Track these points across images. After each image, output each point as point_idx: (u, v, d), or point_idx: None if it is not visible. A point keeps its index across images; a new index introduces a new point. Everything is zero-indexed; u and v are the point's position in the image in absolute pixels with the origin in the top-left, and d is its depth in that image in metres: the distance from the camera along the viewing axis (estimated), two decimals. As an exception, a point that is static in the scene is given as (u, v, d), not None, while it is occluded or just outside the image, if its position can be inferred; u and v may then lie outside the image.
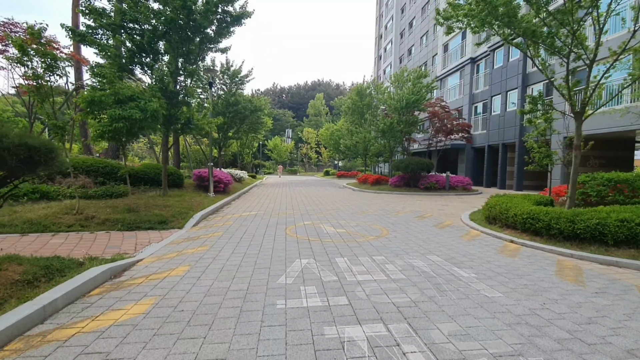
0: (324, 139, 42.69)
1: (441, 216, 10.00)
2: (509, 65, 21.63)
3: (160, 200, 9.81)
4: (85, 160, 10.82)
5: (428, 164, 17.85)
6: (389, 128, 18.61)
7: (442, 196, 16.44)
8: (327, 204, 12.77)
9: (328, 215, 9.85)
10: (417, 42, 37.49)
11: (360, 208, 11.53)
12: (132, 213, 8.10)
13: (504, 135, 21.87)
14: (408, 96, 17.98)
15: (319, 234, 7.02)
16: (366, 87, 24.81)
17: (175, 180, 12.98)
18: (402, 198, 15.32)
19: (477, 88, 25.83)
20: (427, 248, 5.97)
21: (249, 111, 19.16)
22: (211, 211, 9.99)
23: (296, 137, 73.65)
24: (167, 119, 10.07)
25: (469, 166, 25.86)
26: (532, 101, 7.94)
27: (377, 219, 9.14)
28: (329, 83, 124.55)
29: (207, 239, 6.53)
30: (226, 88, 19.07)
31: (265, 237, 6.70)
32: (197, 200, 11.22)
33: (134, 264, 4.91)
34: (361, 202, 13.55)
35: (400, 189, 18.31)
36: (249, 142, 31.25)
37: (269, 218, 9.20)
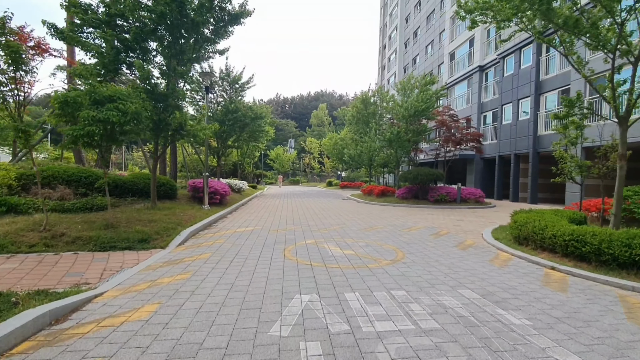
0: (327, 149, 41.83)
1: (459, 233, 8.92)
2: (521, 72, 20.77)
3: (146, 214, 8.82)
4: (66, 169, 9.89)
5: (438, 175, 16.82)
6: (396, 137, 17.66)
7: (453, 210, 15.35)
8: (331, 217, 11.73)
9: (332, 231, 8.80)
10: (422, 51, 36.89)
11: (367, 223, 10.47)
12: (110, 229, 7.11)
13: (516, 146, 20.86)
14: (416, 104, 17.08)
15: (323, 257, 5.97)
16: (371, 95, 23.98)
17: (168, 192, 12.01)
18: (411, 211, 14.24)
19: (486, 97, 24.96)
20: (456, 278, 4.90)
21: (249, 119, 18.29)
22: (203, 226, 8.97)
23: (299, 147, 72.96)
24: (156, 124, 9.16)
25: (478, 178, 24.79)
26: (569, 104, 6.94)
27: (388, 237, 8.08)
28: (332, 94, 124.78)
29: (190, 263, 5.50)
30: (226, 95, 18.27)
31: (260, 261, 5.66)
32: (189, 213, 10.22)
33: (89, 300, 3.89)
34: (367, 215, 12.49)
35: (408, 202, 17.25)
36: (250, 151, 30.37)
37: (267, 235, 8.16)
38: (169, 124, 9.32)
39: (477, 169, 24.98)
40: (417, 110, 17.46)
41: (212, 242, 7.31)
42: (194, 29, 8.63)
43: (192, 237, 7.85)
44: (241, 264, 5.47)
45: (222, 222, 10.32)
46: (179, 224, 8.53)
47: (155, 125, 9.15)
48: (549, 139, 18.74)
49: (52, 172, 9.49)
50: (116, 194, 10.47)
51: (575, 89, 16.63)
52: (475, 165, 25.03)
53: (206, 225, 9.27)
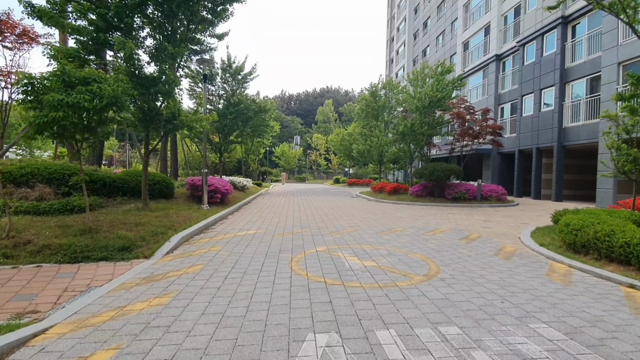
0: (333, 145, 40.62)
1: (492, 237, 7.73)
2: (543, 60, 19.33)
3: (134, 216, 7.77)
4: (48, 165, 8.88)
5: (457, 170, 15.56)
6: (409, 130, 16.42)
7: (475, 208, 14.10)
8: (343, 218, 10.59)
9: (346, 235, 7.67)
10: (433, 42, 35.42)
11: (383, 224, 9.31)
12: (88, 235, 6.06)
13: (538, 139, 19.46)
14: (431, 93, 15.80)
15: (339, 271, 4.84)
16: (381, 87, 22.71)
17: (163, 190, 10.97)
18: (429, 211, 13.03)
19: (503, 88, 23.53)
20: (517, 303, 3.74)
21: (253, 112, 17.18)
22: (198, 230, 7.90)
23: (305, 144, 71.84)
24: (145, 113, 8.08)
25: (496, 174, 23.43)
26: (637, 82, 5.68)
27: (412, 243, 6.92)
28: (337, 90, 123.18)
29: (175, 280, 4.42)
30: (228, 87, 17.19)
31: (262, 277, 4.55)
32: (184, 214, 9.17)
33: (24, 342, 2.81)
34: (382, 216, 11.33)
35: (424, 200, 16.03)
36: (255, 147, 29.32)
37: (271, 240, 7.06)
38: (159, 113, 8.24)
39: (494, 165, 23.60)
40: (432, 100, 16.18)
41: (206, 249, 6.22)
42: (185, 3, 7.51)
43: (184, 243, 6.77)
44: (237, 282, 4.37)
45: (221, 224, 9.24)
46: (170, 227, 7.47)
47: (144, 115, 8.08)
48: (576, 131, 17.35)
49: (30, 170, 8.49)
50: (104, 193, 9.46)
51: (607, 76, 15.23)
52: (492, 160, 23.66)
53: (202, 229, 8.19)
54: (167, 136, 10.53)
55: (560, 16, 18.20)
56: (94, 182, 9.17)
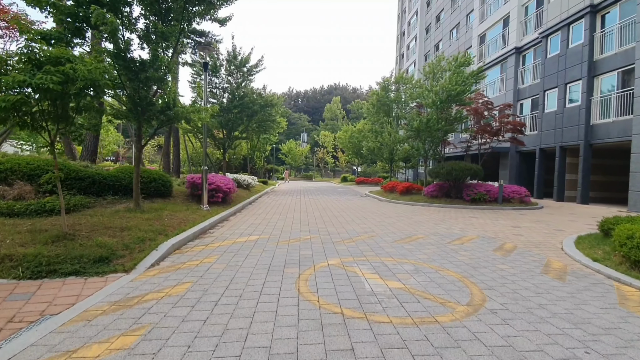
0: (342, 142, 39.58)
1: (530, 248, 6.68)
2: (569, 52, 18.04)
3: (121, 219, 6.90)
4: (30, 160, 8.04)
5: (476, 170, 14.45)
6: (424, 126, 15.32)
7: (497, 211, 13.00)
8: (355, 221, 9.61)
9: (360, 243, 6.70)
10: (446, 35, 34.08)
11: (401, 230, 8.31)
12: (62, 243, 5.19)
13: (562, 137, 18.21)
14: (450, 86, 14.68)
15: (359, 296, 3.87)
16: (394, 81, 21.59)
17: (159, 189, 10.11)
18: (448, 214, 11.98)
19: (523, 82, 22.25)
20: (608, 354, 2.73)
21: (259, 106, 16.24)
22: (194, 235, 7.00)
23: (312, 142, 70.89)
24: (136, 103, 7.19)
25: (514, 173, 22.19)
26: None
27: (440, 255, 5.92)
28: (345, 87, 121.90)
29: (152, 307, 3.50)
30: (232, 80, 16.27)
31: (261, 305, 3.61)
32: (180, 216, 8.29)
33: None
34: (397, 219, 10.32)
35: (439, 201, 14.96)
36: (261, 144, 28.43)
37: (275, 249, 6.12)
38: (152, 103, 7.33)
39: (512, 164, 22.37)
40: (449, 94, 15.07)
41: (198, 261, 5.30)
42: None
43: (174, 252, 5.86)
44: (230, 311, 3.42)
45: (220, 227, 8.32)
46: (162, 232, 6.59)
47: (134, 105, 7.18)
48: (606, 128, 16.09)
49: (10, 165, 7.68)
50: (93, 192, 8.62)
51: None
52: (510, 159, 22.42)
53: (199, 234, 7.28)
54: (177, 134, 9.65)
55: (588, 5, 16.90)
56: (81, 179, 8.34)
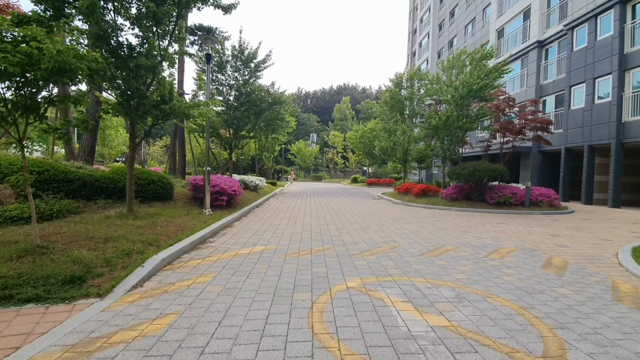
0: (352, 143, 38.59)
1: (582, 263, 5.63)
2: (598, 45, 16.75)
3: (108, 227, 6.10)
4: (13, 161, 7.31)
5: (501, 171, 13.33)
6: (444, 124, 14.25)
7: (526, 216, 11.87)
8: (372, 228, 8.65)
9: (383, 257, 5.74)
10: (461, 31, 32.84)
11: (427, 239, 7.32)
12: (30, 258, 4.38)
13: (590, 135, 16.92)
14: (471, 80, 13.60)
15: (392, 339, 2.93)
16: (408, 77, 20.53)
17: (159, 192, 9.33)
18: (473, 219, 10.92)
19: (545, 78, 20.95)
20: None
21: (266, 104, 15.41)
22: (191, 245, 6.14)
23: (321, 142, 70.03)
24: (127, 95, 6.37)
25: (535, 174, 20.90)
26: None
27: (481, 273, 4.93)
28: (355, 87, 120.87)
29: (118, 355, 2.61)
30: (239, 76, 15.47)
31: (262, 353, 2.69)
32: (178, 222, 7.45)
33: None
34: (419, 225, 9.32)
35: (460, 204, 13.87)
36: (269, 144, 27.64)
37: (282, 265, 5.21)
38: (144, 96, 6.51)
39: (533, 165, 21.08)
40: (470, 89, 13.98)
41: (190, 281, 4.42)
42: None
43: (165, 267, 5.00)
44: (221, 364, 2.51)
45: (222, 235, 7.45)
46: (153, 242, 5.74)
47: (125, 98, 6.37)
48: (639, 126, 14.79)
49: (-11, 165, 6.95)
50: (84, 195, 7.86)
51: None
52: (531, 159, 21.13)
53: (197, 243, 6.42)
54: (182, 133, 8.89)
55: (620, -7, 15.63)
56: (70, 181, 7.58)
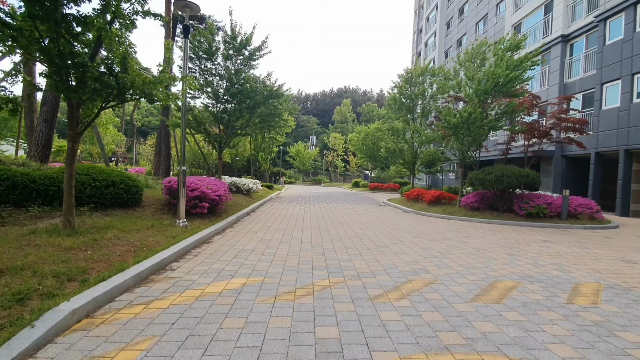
0: (353, 145, 36.73)
1: None
2: (636, 37, 14.95)
3: (18, 250, 4.20)
4: None
5: (534, 176, 11.45)
6: (464, 122, 12.38)
7: (567, 231, 9.98)
8: (390, 248, 6.73)
9: (422, 304, 3.82)
10: (471, 29, 31.13)
11: (472, 268, 5.40)
12: None
13: (627, 138, 15.07)
14: (500, 71, 11.76)
15: None
16: (419, 72, 18.69)
17: (121, 196, 7.41)
18: (508, 234, 9.03)
19: (570, 75, 19.14)
20: None
21: (262, 97, 13.54)
22: (140, 277, 4.21)
23: (321, 145, 68.20)
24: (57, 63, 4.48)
25: (558, 182, 19.04)
26: None
27: (588, 340, 3.03)
28: (355, 90, 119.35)
29: None
30: (231, 65, 13.60)
31: None
32: (133, 239, 5.54)
33: None
34: (446, 242, 7.42)
35: (484, 214, 11.98)
36: (266, 144, 25.75)
37: (268, 319, 3.28)
38: (84, 64, 4.61)
39: (556, 171, 19.21)
40: (496, 83, 12.13)
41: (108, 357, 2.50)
42: None
43: (78, 324, 3.07)
44: None
45: (192, 257, 5.51)
46: (78, 274, 3.85)
47: (54, 65, 4.47)
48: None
49: None
50: (13, 200, 5.97)
51: None
52: (553, 165, 19.27)
53: (151, 272, 4.47)
54: (164, 128, 6.99)
55: (663, -22, 13.86)
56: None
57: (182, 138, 7.64)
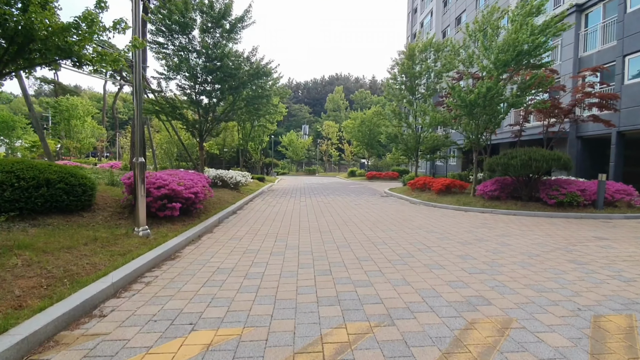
0: (349, 132, 34.95)
1: None
2: (666, 0, 13.32)
3: None
4: None
5: (566, 159, 9.91)
6: (482, 98, 10.71)
7: (611, 222, 8.48)
8: (418, 258, 5.12)
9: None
10: (471, 5, 29.24)
11: (551, 292, 3.81)
12: None
13: (655, 115, 13.58)
14: (525, 38, 10.07)
15: None
16: (421, 47, 16.87)
17: (60, 199, 5.65)
18: (547, 229, 7.49)
19: (586, 49, 17.52)
20: None
21: (245, 74, 11.66)
22: (34, 341, 2.49)
23: (314, 134, 66.24)
24: None
25: (573, 165, 17.54)
26: None
27: None
28: (347, 77, 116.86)
29: None
30: (210, 40, 11.66)
31: None
32: (56, 263, 3.83)
33: None
34: (482, 246, 5.85)
35: (506, 204, 10.45)
36: (256, 133, 23.82)
37: None
38: None
39: (570, 154, 17.70)
40: (520, 51, 10.45)
41: None
42: None
43: None
44: None
45: (139, 290, 3.78)
46: None
47: None
48: None
49: None
50: None
51: None
52: (568, 147, 17.77)
53: (54, 333, 2.73)
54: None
55: None
56: None
57: (137, 122, 5.85)
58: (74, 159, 31.91)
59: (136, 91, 5.75)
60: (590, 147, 17.38)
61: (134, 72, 5.64)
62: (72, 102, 33.43)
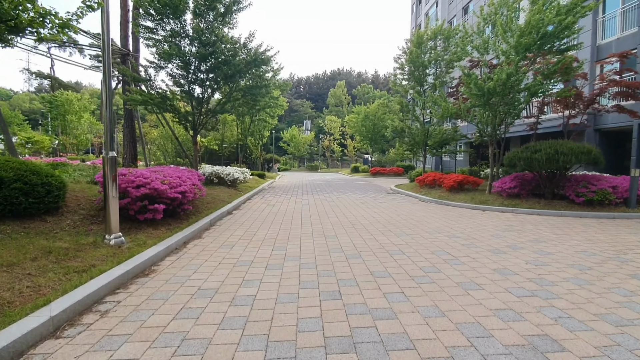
0: (352, 127, 33.94)
1: None
2: (698, -20, 12.23)
3: None
4: None
5: (596, 153, 8.96)
6: (502, 85, 9.72)
7: (651, 224, 7.53)
8: (446, 274, 4.21)
9: None
10: (479, -7, 28.02)
11: (624, 324, 2.90)
12: None
13: (686, 105, 12.55)
14: (550, 18, 9.07)
15: None
16: (431, 35, 15.83)
17: (16, 201, 4.76)
18: (584, 232, 6.57)
19: (604, 36, 16.44)
20: None
21: (242, 62, 10.70)
22: None
23: (316, 129, 65.21)
24: None
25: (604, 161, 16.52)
26: None
27: None
28: (349, 72, 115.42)
29: None
30: (203, 24, 10.68)
31: None
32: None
33: None
34: (517, 256, 4.95)
35: (528, 203, 9.52)
36: (256, 127, 22.87)
37: None
38: None
39: (588, 147, 16.71)
40: (544, 34, 9.45)
41: None
42: None
43: None
44: None
45: (89, 324, 2.87)
46: None
47: None
48: None
49: None
50: None
51: None
52: (585, 140, 16.75)
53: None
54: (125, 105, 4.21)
55: None
56: None
57: (106, 109, 4.91)
58: (70, 155, 31.07)
59: (105, 72, 4.81)
60: (609, 141, 16.36)
61: (102, 42, 4.69)
62: (68, 97, 32.56)
